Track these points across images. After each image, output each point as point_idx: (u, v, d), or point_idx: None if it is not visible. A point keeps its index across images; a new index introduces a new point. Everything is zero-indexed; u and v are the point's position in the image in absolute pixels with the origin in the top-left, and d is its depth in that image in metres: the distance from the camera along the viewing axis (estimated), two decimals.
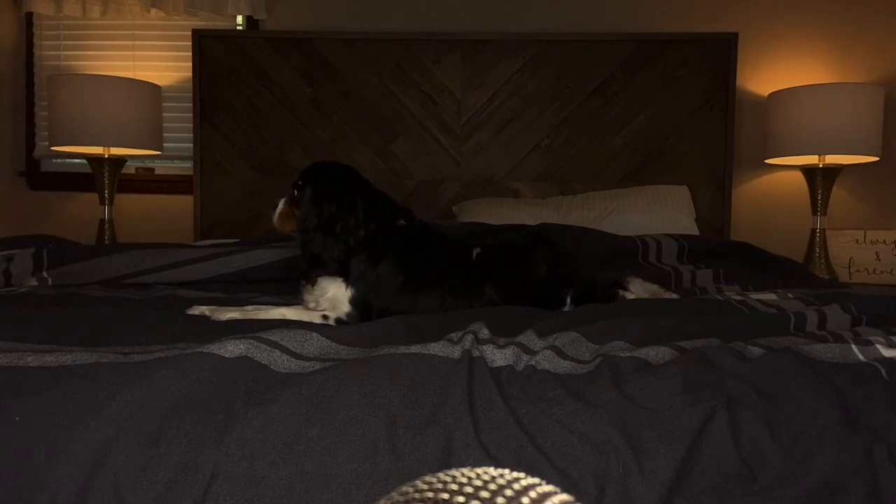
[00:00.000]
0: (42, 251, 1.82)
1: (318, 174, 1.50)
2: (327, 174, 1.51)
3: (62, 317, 1.21)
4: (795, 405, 0.83)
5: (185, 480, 0.75)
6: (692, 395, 0.83)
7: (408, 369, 0.88)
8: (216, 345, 0.91)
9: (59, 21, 3.14)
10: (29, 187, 3.18)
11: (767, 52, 2.95)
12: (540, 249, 1.59)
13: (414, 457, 0.77)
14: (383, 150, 2.97)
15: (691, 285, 1.94)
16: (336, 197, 1.44)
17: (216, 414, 0.80)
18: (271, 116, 2.97)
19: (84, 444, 0.76)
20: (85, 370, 0.87)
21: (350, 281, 1.42)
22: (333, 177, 1.50)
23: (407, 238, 1.50)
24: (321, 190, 1.45)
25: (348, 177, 1.52)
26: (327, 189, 1.45)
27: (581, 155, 2.92)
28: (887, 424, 0.80)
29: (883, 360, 0.93)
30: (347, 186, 1.48)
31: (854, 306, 1.25)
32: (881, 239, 2.78)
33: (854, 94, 2.59)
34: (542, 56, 2.90)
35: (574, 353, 1.00)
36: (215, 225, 2.97)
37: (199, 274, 1.85)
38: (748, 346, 1.00)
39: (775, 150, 2.72)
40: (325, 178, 1.49)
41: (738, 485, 0.77)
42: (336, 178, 1.50)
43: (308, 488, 0.75)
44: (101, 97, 2.71)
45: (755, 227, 2.94)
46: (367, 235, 1.44)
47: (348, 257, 1.41)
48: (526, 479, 0.36)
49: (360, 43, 2.94)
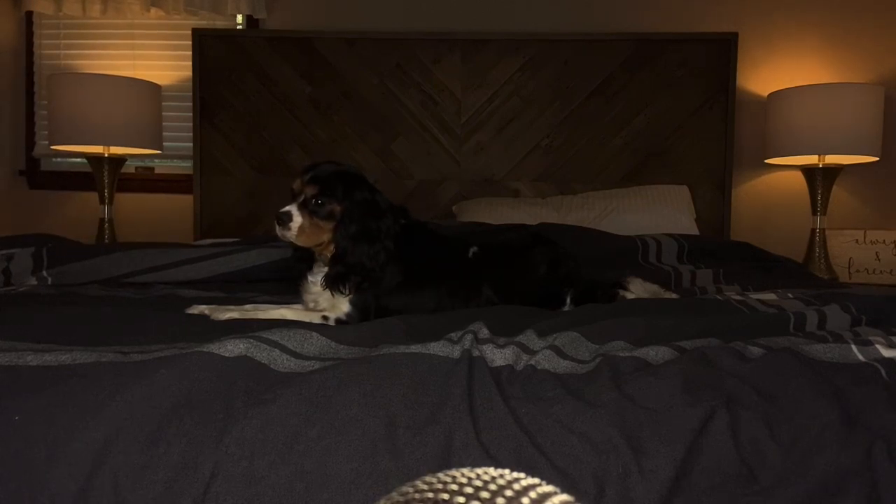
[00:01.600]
0: (42, 250, 1.82)
1: (342, 185, 1.43)
2: (350, 182, 1.44)
3: (62, 316, 1.21)
4: (795, 405, 0.83)
5: (185, 480, 0.75)
6: (692, 395, 0.83)
7: (408, 369, 0.88)
8: (216, 344, 0.90)
9: (58, 20, 3.14)
10: (29, 186, 3.18)
11: (767, 51, 2.95)
12: (539, 249, 1.59)
13: (414, 457, 0.77)
14: (383, 150, 2.97)
15: (691, 285, 1.94)
16: (371, 205, 1.41)
17: (216, 413, 0.80)
18: (271, 116, 2.97)
19: (84, 444, 0.76)
20: (85, 370, 0.87)
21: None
22: (356, 185, 1.45)
23: (405, 238, 1.50)
24: (354, 200, 1.40)
25: (365, 184, 1.48)
26: (360, 199, 1.41)
27: (581, 155, 2.92)
28: (887, 424, 0.80)
29: (883, 361, 0.93)
30: (371, 190, 1.46)
31: (854, 306, 1.25)
32: (881, 239, 2.78)
33: (854, 94, 2.59)
34: (542, 56, 2.90)
35: (574, 352, 1.00)
36: (215, 224, 2.97)
37: (200, 273, 1.85)
38: (748, 346, 1.00)
39: (775, 149, 2.72)
40: (350, 188, 1.43)
41: (738, 485, 0.77)
42: (357, 185, 1.45)
43: (308, 488, 0.75)
44: (100, 96, 2.71)
45: (755, 227, 2.94)
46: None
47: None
48: (526, 479, 0.36)
49: (360, 43, 2.94)
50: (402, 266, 1.45)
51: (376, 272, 1.39)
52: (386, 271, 1.43)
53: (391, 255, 1.40)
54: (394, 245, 1.44)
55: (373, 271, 1.39)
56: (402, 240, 1.48)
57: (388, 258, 1.40)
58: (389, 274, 1.44)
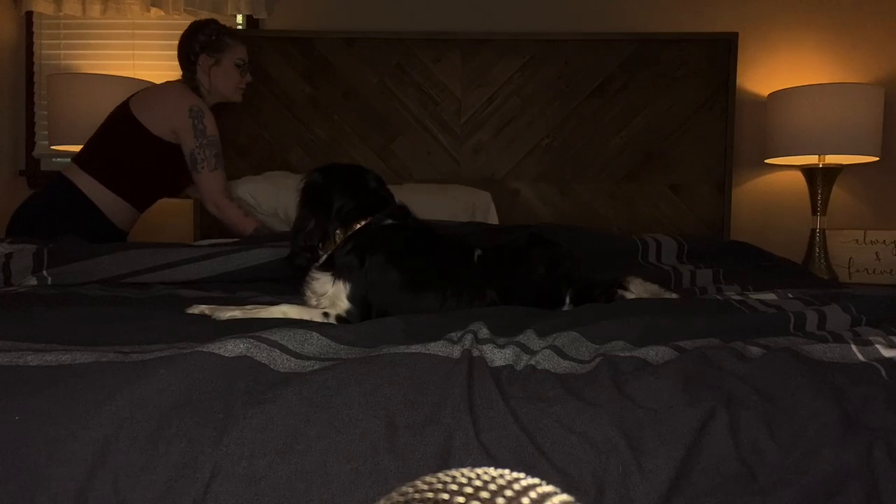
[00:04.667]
0: (43, 250, 1.82)
1: (310, 177, 1.57)
2: (319, 170, 1.58)
3: (62, 316, 1.21)
4: (795, 405, 0.83)
5: (185, 480, 0.75)
6: (692, 394, 0.83)
7: (407, 369, 0.88)
8: (216, 344, 0.90)
9: (58, 20, 3.14)
10: (29, 186, 3.17)
11: (767, 52, 2.95)
12: (539, 249, 1.59)
13: (414, 456, 0.77)
14: (383, 150, 2.97)
15: (691, 285, 1.94)
16: (318, 179, 1.54)
17: (216, 413, 0.80)
18: (271, 116, 2.97)
19: (84, 444, 0.76)
20: (85, 369, 0.87)
21: (343, 277, 1.42)
22: (325, 168, 1.58)
23: (405, 237, 1.50)
24: (304, 195, 1.54)
25: (343, 168, 1.60)
26: (317, 178, 1.55)
27: (581, 155, 2.92)
28: (887, 424, 0.80)
29: (883, 361, 0.93)
30: (337, 176, 1.56)
31: (853, 306, 1.26)
32: (881, 239, 2.78)
33: (854, 94, 2.59)
34: (542, 56, 2.90)
35: (574, 352, 1.01)
36: (215, 225, 2.97)
37: (201, 273, 1.85)
38: (748, 346, 1.00)
39: (775, 150, 2.72)
40: (311, 184, 1.56)
41: (737, 485, 0.77)
42: (326, 169, 1.58)
43: (308, 488, 0.75)
44: (100, 96, 2.70)
45: (755, 227, 2.94)
46: (355, 233, 1.47)
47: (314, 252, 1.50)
48: (526, 479, 0.36)
49: (360, 43, 2.94)
50: (403, 265, 1.45)
51: (299, 259, 1.51)
52: (386, 272, 1.43)
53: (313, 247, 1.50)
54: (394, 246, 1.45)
55: (313, 250, 1.49)
56: (402, 239, 1.49)
57: (311, 250, 1.50)
58: (390, 273, 1.44)
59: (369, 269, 1.43)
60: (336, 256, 1.45)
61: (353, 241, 1.46)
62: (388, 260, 1.44)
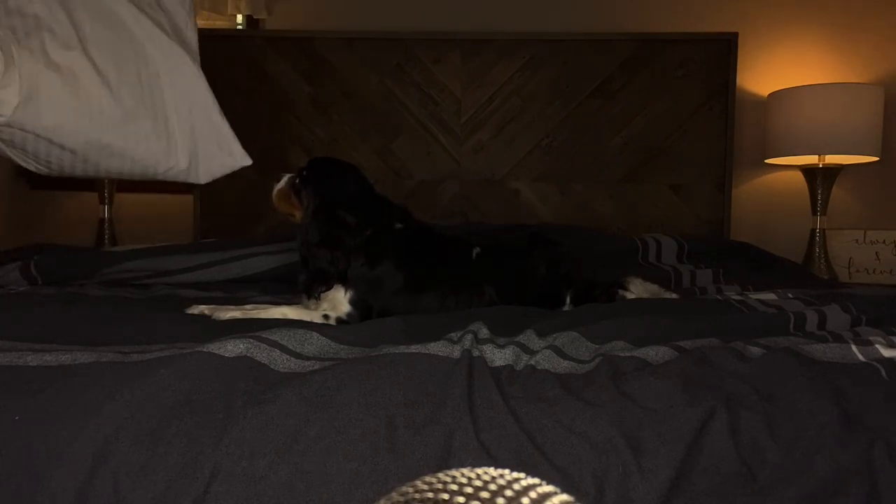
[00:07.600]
0: (29, 264, 1.78)
1: (320, 178, 1.50)
2: (328, 179, 1.50)
3: (62, 316, 1.21)
4: (795, 405, 0.83)
5: (185, 480, 0.75)
6: (692, 394, 0.83)
7: (407, 369, 0.88)
8: (216, 344, 0.91)
9: None
10: (29, 186, 3.17)
11: (767, 51, 2.95)
12: (539, 249, 1.59)
13: (414, 456, 0.77)
14: (383, 150, 2.97)
15: (691, 285, 1.94)
16: (336, 209, 1.44)
17: (216, 413, 0.80)
18: (271, 116, 2.97)
19: (84, 444, 0.76)
20: (85, 370, 0.87)
21: (349, 282, 1.42)
22: (334, 183, 1.50)
23: (406, 239, 1.50)
24: (323, 200, 1.45)
25: (348, 180, 1.53)
26: (329, 199, 1.46)
27: (581, 154, 2.92)
28: (887, 424, 0.80)
29: (883, 361, 0.93)
30: (347, 194, 1.48)
31: (854, 306, 1.26)
32: (881, 239, 2.78)
33: (854, 94, 2.59)
34: (542, 56, 2.90)
35: (574, 352, 1.01)
36: (215, 224, 2.97)
37: (199, 280, 1.86)
38: (748, 346, 1.00)
39: (775, 149, 2.72)
40: (326, 185, 1.49)
41: (737, 485, 0.77)
42: (336, 184, 1.50)
43: (308, 488, 0.75)
44: None
45: (755, 227, 2.94)
46: (365, 239, 1.45)
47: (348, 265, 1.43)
48: (526, 479, 0.36)
49: (360, 42, 2.94)
50: (404, 267, 1.45)
51: (335, 280, 1.42)
52: (390, 276, 1.43)
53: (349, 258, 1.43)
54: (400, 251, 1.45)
55: (332, 281, 1.42)
56: (403, 242, 1.49)
57: (349, 263, 1.42)
58: (391, 275, 1.44)
59: (377, 275, 1.43)
60: (349, 270, 1.44)
61: (364, 253, 1.44)
62: (394, 262, 1.44)
